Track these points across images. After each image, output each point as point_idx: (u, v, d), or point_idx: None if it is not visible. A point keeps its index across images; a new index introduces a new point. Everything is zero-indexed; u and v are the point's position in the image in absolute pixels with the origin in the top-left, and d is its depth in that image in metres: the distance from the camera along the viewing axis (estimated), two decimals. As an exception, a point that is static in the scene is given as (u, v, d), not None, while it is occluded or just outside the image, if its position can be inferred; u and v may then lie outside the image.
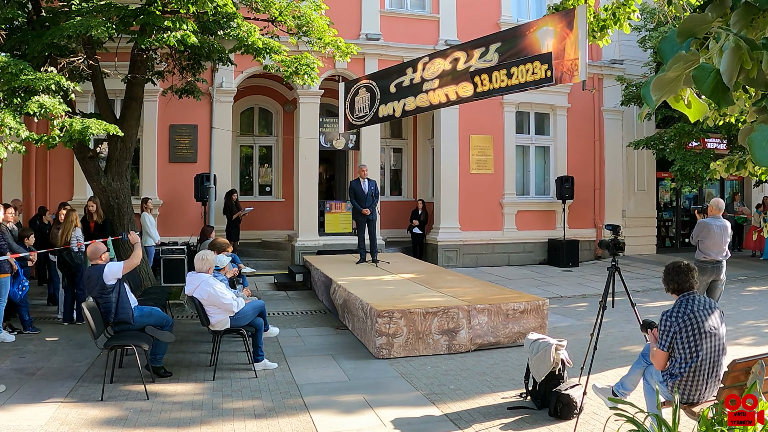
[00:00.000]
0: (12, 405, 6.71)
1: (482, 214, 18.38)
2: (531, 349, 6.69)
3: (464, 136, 18.24)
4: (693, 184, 17.70)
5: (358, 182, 13.80)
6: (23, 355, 8.73)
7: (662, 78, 2.57)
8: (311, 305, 12.51)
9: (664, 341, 4.99)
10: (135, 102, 12.25)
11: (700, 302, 5.01)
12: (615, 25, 8.45)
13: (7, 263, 9.35)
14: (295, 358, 8.64)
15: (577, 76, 6.64)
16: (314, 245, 16.75)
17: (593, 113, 19.77)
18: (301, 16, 11.67)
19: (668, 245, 21.79)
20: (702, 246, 9.42)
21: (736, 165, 8.08)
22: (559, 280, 15.69)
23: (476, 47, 7.75)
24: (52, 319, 10.94)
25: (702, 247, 9.42)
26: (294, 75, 12.10)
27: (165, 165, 16.32)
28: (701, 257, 9.37)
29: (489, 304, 9.16)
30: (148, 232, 13.47)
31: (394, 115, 9.07)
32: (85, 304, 7.19)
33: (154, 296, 10.17)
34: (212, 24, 10.84)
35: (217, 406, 6.76)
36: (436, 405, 6.78)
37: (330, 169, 23.07)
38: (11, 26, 10.69)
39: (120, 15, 10.02)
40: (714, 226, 9.38)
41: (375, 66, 16.78)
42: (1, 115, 8.84)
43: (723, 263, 9.41)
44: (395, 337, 8.62)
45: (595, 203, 19.77)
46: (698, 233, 9.47)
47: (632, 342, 9.37)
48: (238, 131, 19.40)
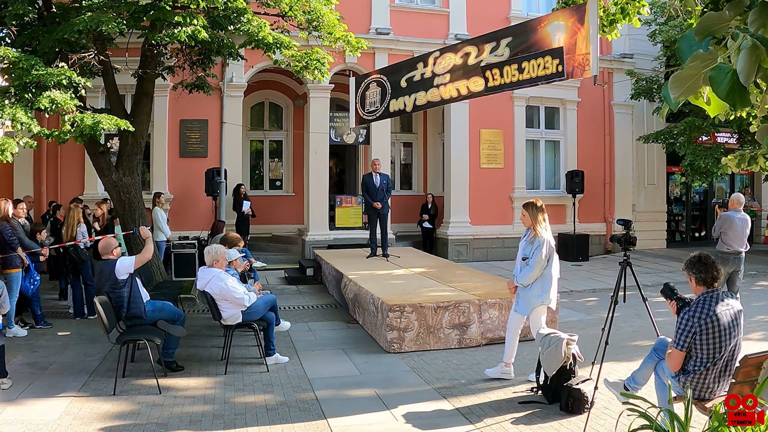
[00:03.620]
0: (25, 399, 6.75)
1: (492, 208, 18.37)
2: (542, 343, 6.68)
3: (474, 130, 18.22)
4: (703, 178, 17.64)
5: (371, 176, 13.79)
6: (35, 349, 8.78)
7: (679, 75, 2.56)
8: (322, 299, 12.54)
9: (683, 341, 4.81)
10: (146, 97, 12.28)
11: (722, 301, 4.87)
12: (625, 20, 8.40)
13: (19, 258, 9.40)
14: (307, 353, 8.67)
15: (588, 70, 6.62)
16: (325, 239, 16.78)
17: (603, 107, 19.71)
18: (312, 10, 11.67)
19: (678, 240, 21.72)
20: (725, 238, 9.93)
21: (747, 160, 8.06)
22: (569, 275, 15.63)
23: (487, 42, 7.74)
24: (64, 313, 10.99)
25: (725, 239, 9.93)
26: (304, 70, 12.09)
27: (176, 160, 16.38)
28: (724, 248, 9.95)
29: (500, 299, 9.16)
30: (159, 227, 13.52)
31: (405, 110, 9.06)
32: (97, 298, 7.23)
33: (166, 291, 10.21)
34: (222, 19, 10.84)
35: (229, 401, 6.78)
36: (448, 399, 6.79)
37: (340, 163, 23.06)
38: (22, 22, 10.72)
39: (130, 10, 10.04)
40: (736, 219, 9.92)
41: (385, 61, 16.79)
42: (13, 111, 8.88)
43: (743, 255, 9.99)
44: (406, 331, 8.63)
45: (605, 197, 19.73)
46: (721, 225, 9.97)
47: (643, 337, 9.35)
48: (249, 126, 19.44)
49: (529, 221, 7.25)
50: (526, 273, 7.15)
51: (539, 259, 7.05)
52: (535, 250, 7.09)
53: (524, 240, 7.38)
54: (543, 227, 7.18)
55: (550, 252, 7.16)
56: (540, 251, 7.06)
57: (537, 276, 7.14)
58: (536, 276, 7.13)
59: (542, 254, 7.06)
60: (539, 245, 7.08)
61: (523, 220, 7.45)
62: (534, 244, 7.13)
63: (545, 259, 7.10)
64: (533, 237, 7.18)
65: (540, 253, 7.05)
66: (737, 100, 2.37)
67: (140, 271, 8.26)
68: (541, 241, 7.09)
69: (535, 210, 7.20)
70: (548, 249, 7.13)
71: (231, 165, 16.43)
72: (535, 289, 7.20)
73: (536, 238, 7.13)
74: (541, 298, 7.20)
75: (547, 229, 7.26)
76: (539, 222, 7.17)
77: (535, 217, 7.18)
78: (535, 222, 7.17)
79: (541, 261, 7.07)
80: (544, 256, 7.08)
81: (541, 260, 7.06)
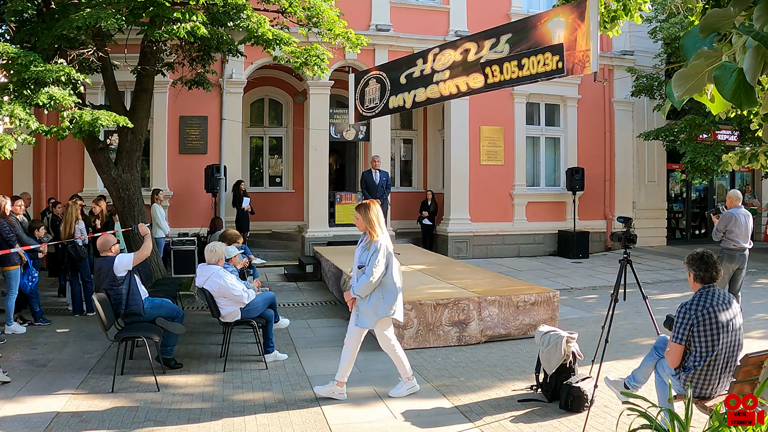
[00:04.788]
0: (23, 396, 6.74)
1: (492, 205, 18.36)
2: (542, 341, 6.67)
3: (474, 127, 18.20)
4: (704, 176, 17.63)
5: (370, 173, 13.80)
6: (34, 346, 8.77)
7: (683, 73, 2.53)
8: (322, 296, 12.52)
9: (681, 334, 4.90)
10: (145, 93, 12.25)
11: (719, 296, 4.94)
12: (626, 16, 8.38)
13: (17, 255, 9.38)
14: (306, 350, 8.66)
15: (588, 67, 6.59)
16: (324, 236, 16.77)
17: (604, 104, 19.69)
18: (311, 7, 11.63)
19: (678, 237, 21.73)
20: (731, 235, 9.90)
21: (748, 157, 8.05)
22: (569, 272, 15.65)
23: (487, 38, 7.70)
24: (63, 310, 10.98)
25: (731, 236, 9.91)
26: (304, 66, 12.07)
27: (175, 156, 16.37)
28: (731, 245, 9.94)
29: (499, 296, 9.14)
30: (158, 223, 13.51)
31: (405, 107, 9.03)
32: (95, 295, 7.21)
33: (165, 288, 10.18)
34: (222, 15, 10.81)
35: (228, 398, 6.77)
36: (447, 397, 6.78)
37: (340, 160, 23.05)
38: (21, 18, 10.69)
39: (130, 6, 10.00)
40: (740, 215, 9.93)
41: (385, 57, 16.75)
42: (11, 107, 8.85)
43: (747, 252, 10.02)
44: (406, 328, 8.61)
45: (605, 195, 19.71)
46: (727, 223, 9.92)
47: (643, 334, 9.33)
48: (248, 122, 19.43)
49: (363, 225, 6.65)
50: (363, 282, 6.48)
51: (376, 265, 6.42)
52: (372, 256, 6.48)
53: (360, 246, 6.80)
54: (380, 230, 6.62)
55: (388, 257, 6.58)
56: (376, 257, 6.44)
57: (376, 285, 6.49)
58: (375, 285, 6.49)
59: (379, 260, 6.44)
60: (376, 250, 6.48)
61: (357, 224, 6.80)
62: (370, 250, 6.53)
63: (383, 265, 6.48)
64: (369, 242, 6.60)
65: (377, 259, 6.43)
66: (743, 100, 2.34)
67: (139, 268, 8.24)
68: (378, 245, 6.50)
69: (367, 211, 6.62)
70: (386, 254, 6.55)
71: (231, 161, 16.42)
72: (375, 299, 6.56)
73: (372, 242, 6.55)
74: (383, 310, 6.56)
75: (385, 232, 6.72)
76: (374, 224, 6.60)
77: (368, 220, 6.61)
78: (369, 225, 6.60)
79: (379, 268, 6.44)
80: (382, 263, 6.47)
81: (378, 267, 6.43)
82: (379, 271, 6.44)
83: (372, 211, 6.64)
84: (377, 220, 6.64)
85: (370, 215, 6.62)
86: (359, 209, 6.67)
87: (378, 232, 6.59)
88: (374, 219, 6.61)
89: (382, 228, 6.67)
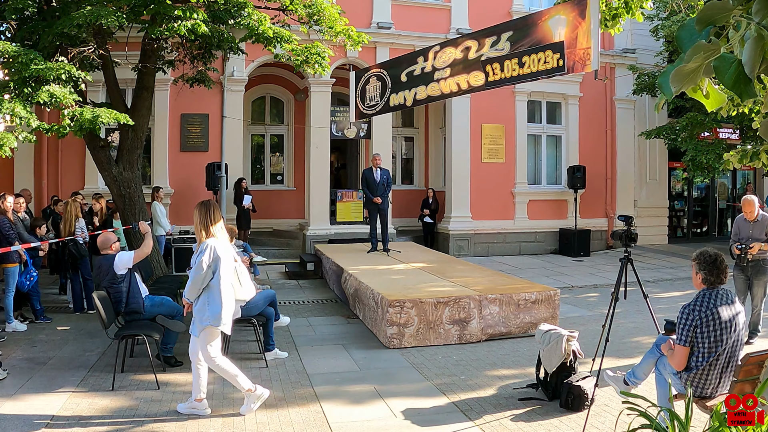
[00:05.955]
0: (23, 394, 6.74)
1: (494, 203, 18.36)
2: (542, 339, 6.66)
3: (476, 125, 18.19)
4: (705, 174, 17.62)
5: (371, 171, 13.78)
6: (34, 344, 8.77)
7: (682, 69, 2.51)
8: (322, 294, 12.52)
9: (685, 336, 4.84)
10: (146, 91, 12.25)
11: (721, 296, 4.91)
12: (627, 14, 8.35)
13: (16, 253, 9.37)
14: (306, 348, 8.65)
15: (589, 65, 6.57)
16: (325, 234, 16.77)
17: (605, 102, 19.68)
18: (312, 4, 11.63)
19: (680, 235, 21.70)
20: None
21: (749, 156, 8.04)
22: (570, 270, 15.64)
23: (488, 36, 7.69)
24: (64, 308, 10.98)
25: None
26: (305, 64, 12.06)
27: (176, 154, 16.37)
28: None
29: (500, 294, 9.14)
30: (158, 221, 13.50)
31: (405, 104, 9.02)
32: (95, 293, 7.21)
33: (165, 285, 10.19)
34: (223, 13, 10.80)
35: (228, 396, 6.77)
36: (447, 395, 6.77)
37: (341, 157, 23.07)
38: (22, 16, 10.70)
39: (130, 4, 10.00)
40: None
41: (386, 55, 16.73)
42: (12, 105, 8.86)
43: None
44: (406, 326, 8.61)
45: (606, 193, 19.70)
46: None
47: (644, 333, 9.32)
48: (250, 120, 19.42)
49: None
50: (187, 285, 6.21)
51: (198, 268, 6.04)
52: (197, 256, 6.15)
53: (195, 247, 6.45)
54: (215, 230, 6.21)
55: (215, 260, 6.09)
56: (200, 258, 6.05)
57: (199, 289, 6.12)
58: (198, 289, 6.11)
59: (202, 262, 6.02)
60: (201, 251, 6.09)
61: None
62: (198, 251, 6.18)
63: (207, 267, 6.03)
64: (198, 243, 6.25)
65: (200, 260, 6.04)
66: (743, 90, 2.33)
67: (140, 265, 8.23)
68: (204, 246, 6.09)
69: (195, 213, 6.25)
70: (212, 256, 6.08)
71: (232, 159, 16.42)
72: (201, 304, 6.13)
73: (200, 243, 6.19)
74: (207, 317, 6.07)
75: (218, 233, 6.26)
76: (204, 224, 6.19)
77: (195, 222, 6.24)
78: (196, 228, 6.23)
79: (201, 270, 6.01)
80: (205, 264, 6.01)
81: (200, 269, 6.02)
82: (196, 272, 6.04)
83: (200, 213, 6.25)
84: (209, 219, 6.21)
85: (196, 218, 6.25)
86: (195, 208, 6.31)
87: (203, 235, 6.17)
88: (204, 220, 6.19)
89: (212, 231, 6.21)
